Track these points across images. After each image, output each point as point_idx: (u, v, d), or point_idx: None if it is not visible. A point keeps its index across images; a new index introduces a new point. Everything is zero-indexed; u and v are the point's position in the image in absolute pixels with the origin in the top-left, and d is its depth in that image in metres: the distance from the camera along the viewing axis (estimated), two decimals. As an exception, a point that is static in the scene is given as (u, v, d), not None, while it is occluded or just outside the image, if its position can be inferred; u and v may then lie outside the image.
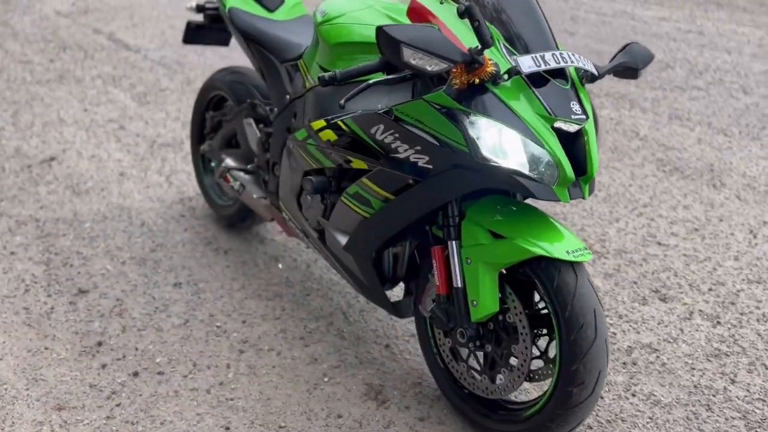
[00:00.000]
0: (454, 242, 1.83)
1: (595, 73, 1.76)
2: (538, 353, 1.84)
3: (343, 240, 2.08)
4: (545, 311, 1.82)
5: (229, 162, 2.67)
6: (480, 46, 1.60)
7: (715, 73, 5.03)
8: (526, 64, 1.63)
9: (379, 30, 1.54)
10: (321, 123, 2.01)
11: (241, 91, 2.76)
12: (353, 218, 2.01)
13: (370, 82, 1.74)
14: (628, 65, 1.83)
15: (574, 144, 1.68)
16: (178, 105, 4.41)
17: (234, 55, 5.18)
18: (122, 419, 2.05)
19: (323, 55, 2.11)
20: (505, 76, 1.64)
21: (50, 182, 3.41)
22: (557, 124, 1.65)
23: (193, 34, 2.98)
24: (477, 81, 1.60)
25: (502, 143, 1.62)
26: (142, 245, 2.92)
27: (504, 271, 1.81)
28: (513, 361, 1.84)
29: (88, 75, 4.89)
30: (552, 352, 1.86)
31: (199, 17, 3.03)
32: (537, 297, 1.84)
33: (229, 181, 2.65)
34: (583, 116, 1.68)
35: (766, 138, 3.95)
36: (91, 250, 2.88)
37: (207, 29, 2.98)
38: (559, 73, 1.70)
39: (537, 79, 1.67)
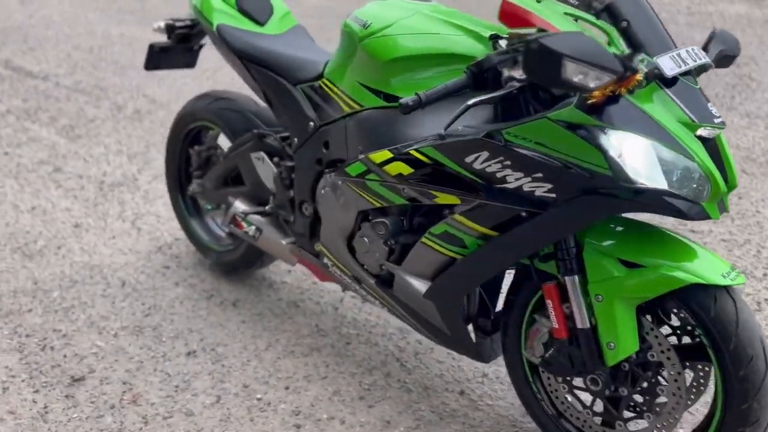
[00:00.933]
0: (574, 277, 1.58)
1: (712, 65, 1.55)
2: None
3: (421, 286, 1.78)
4: (689, 340, 1.61)
5: (240, 205, 2.29)
6: (629, 51, 1.34)
7: (661, 44, 5.04)
8: (668, 65, 1.39)
9: (535, 43, 1.25)
10: (386, 154, 1.70)
11: (237, 120, 2.38)
12: (437, 261, 1.71)
13: (470, 103, 1.45)
14: (727, 53, 1.64)
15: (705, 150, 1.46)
16: (116, 136, 3.90)
17: (162, 73, 4.69)
18: None
19: (369, 72, 1.79)
20: (644, 82, 1.39)
21: (-7, 246, 2.88)
22: (699, 132, 1.43)
23: (157, 58, 2.56)
24: (622, 91, 1.35)
25: (650, 161, 1.38)
26: (132, 310, 2.49)
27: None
28: (660, 402, 1.61)
29: (-4, 111, 4.26)
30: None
31: (162, 38, 2.61)
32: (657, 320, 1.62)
33: (243, 227, 2.27)
34: (722, 119, 1.46)
35: (741, 107, 3.95)
36: (70, 325, 2.42)
37: (173, 51, 2.57)
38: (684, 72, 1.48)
39: (666, 82, 1.44)
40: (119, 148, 3.76)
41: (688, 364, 1.59)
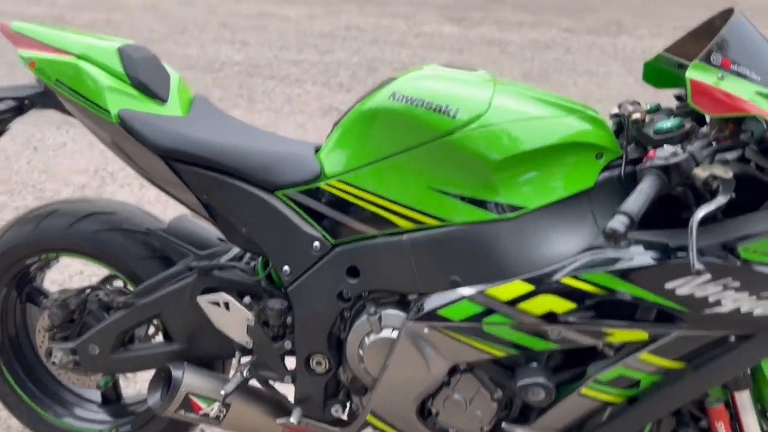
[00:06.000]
0: (743, 393, 1.34)
1: None
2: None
3: (554, 443, 1.36)
4: None
5: (192, 379, 1.49)
6: None
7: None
8: None
9: None
10: (521, 287, 1.24)
11: (134, 246, 1.58)
12: (590, 410, 1.32)
13: (699, 217, 1.11)
14: None
15: None
16: None
17: None
18: None
19: (461, 175, 1.32)
20: None
21: None
22: None
23: None
24: None
25: None
26: None
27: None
28: None
29: None
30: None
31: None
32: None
33: (201, 408, 1.50)
34: None
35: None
36: None
37: None
38: None
39: None
40: None
41: None
